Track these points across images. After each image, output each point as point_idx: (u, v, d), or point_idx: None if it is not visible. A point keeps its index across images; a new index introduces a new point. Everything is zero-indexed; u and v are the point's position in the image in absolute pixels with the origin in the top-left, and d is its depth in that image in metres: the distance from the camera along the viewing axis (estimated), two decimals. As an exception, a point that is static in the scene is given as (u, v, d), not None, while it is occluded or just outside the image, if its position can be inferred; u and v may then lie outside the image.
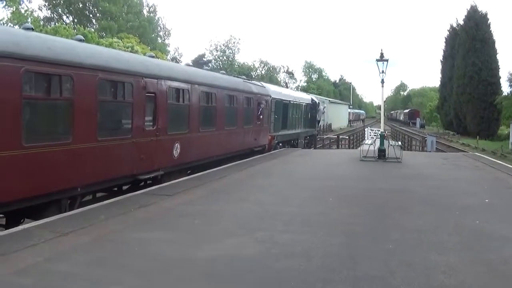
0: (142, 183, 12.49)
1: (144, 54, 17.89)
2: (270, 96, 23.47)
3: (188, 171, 15.05)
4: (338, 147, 38.25)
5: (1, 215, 9.24)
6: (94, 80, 9.92)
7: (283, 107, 26.66)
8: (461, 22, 60.46)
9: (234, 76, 22.90)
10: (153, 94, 12.17)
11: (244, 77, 23.94)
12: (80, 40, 10.71)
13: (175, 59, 71.66)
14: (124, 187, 12.34)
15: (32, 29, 9.86)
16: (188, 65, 18.58)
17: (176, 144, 13.36)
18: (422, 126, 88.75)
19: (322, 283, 5.57)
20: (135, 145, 11.36)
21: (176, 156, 13.40)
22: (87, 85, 9.72)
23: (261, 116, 21.30)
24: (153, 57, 14.19)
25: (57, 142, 9.06)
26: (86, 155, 9.75)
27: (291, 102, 28.89)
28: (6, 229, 8.42)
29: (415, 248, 7.03)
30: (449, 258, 6.56)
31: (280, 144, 26.22)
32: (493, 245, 7.29)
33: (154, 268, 6.04)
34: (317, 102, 36.85)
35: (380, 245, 7.12)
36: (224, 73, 20.94)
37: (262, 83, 25.76)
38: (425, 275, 5.86)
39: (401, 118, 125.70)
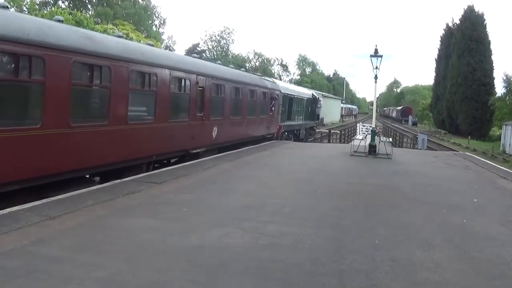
0: (187, 158, 16.76)
1: (190, 55, 21.93)
2: (280, 91, 28.28)
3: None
4: (329, 141, 39.27)
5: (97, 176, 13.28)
6: (168, 77, 14.42)
7: (289, 100, 31.69)
8: (457, 22, 64.46)
9: (252, 73, 27.65)
10: (202, 88, 16.80)
11: (259, 74, 28.55)
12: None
13: (168, 48, 75.14)
14: (172, 160, 16.58)
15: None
16: (202, 58, 22.91)
17: (215, 128, 18.03)
18: (414, 124, 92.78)
19: (307, 275, 5.82)
20: (190, 127, 15.95)
21: (214, 137, 18.10)
22: (164, 81, 14.27)
23: (273, 108, 26.28)
24: (198, 57, 18.68)
25: (144, 121, 13.56)
26: (161, 132, 14.24)
27: (295, 96, 33.89)
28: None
29: (401, 244, 7.31)
30: (434, 255, 6.80)
31: (286, 133, 30.89)
32: (478, 244, 7.52)
33: (139, 255, 6.30)
34: (317, 97, 41.55)
35: (366, 240, 7.44)
36: (244, 70, 25.60)
37: (273, 79, 30.40)
38: (410, 271, 6.13)
39: (394, 115, 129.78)
